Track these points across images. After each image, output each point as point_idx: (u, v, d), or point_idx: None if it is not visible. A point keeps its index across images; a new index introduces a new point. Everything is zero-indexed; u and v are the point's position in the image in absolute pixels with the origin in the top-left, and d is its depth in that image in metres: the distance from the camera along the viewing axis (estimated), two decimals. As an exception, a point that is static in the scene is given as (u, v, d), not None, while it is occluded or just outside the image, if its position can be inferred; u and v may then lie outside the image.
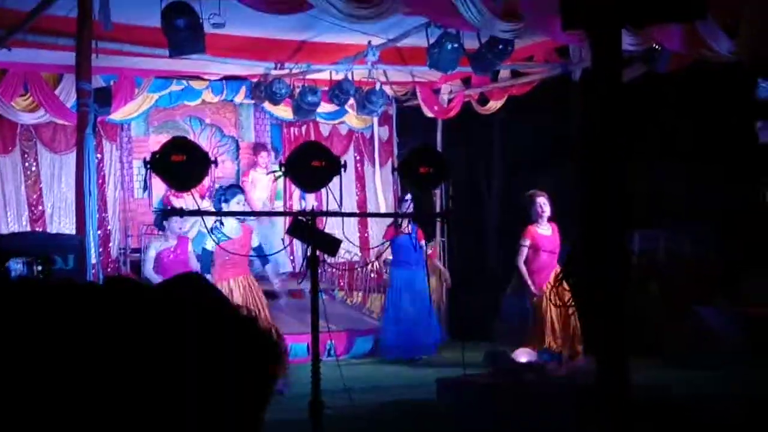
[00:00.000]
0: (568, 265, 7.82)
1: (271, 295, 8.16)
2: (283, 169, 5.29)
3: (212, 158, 5.17)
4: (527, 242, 8.42)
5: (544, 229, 8.53)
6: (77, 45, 6.54)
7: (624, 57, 6.85)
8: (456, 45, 7.86)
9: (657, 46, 8.33)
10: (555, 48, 9.83)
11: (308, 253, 5.29)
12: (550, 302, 8.20)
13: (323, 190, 5.54)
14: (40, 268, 4.93)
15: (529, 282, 8.34)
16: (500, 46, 7.97)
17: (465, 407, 6.27)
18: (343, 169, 5.31)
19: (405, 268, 9.50)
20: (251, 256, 7.75)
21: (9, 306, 1.32)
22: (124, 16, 7.21)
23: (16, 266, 4.95)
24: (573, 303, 8.38)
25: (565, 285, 8.33)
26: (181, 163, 5.01)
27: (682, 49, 8.07)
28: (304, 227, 5.22)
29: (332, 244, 5.28)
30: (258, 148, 11.64)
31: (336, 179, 5.30)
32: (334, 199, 5.23)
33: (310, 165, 5.24)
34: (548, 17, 7.36)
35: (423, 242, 9.47)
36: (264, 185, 11.15)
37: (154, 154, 5.11)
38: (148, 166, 5.08)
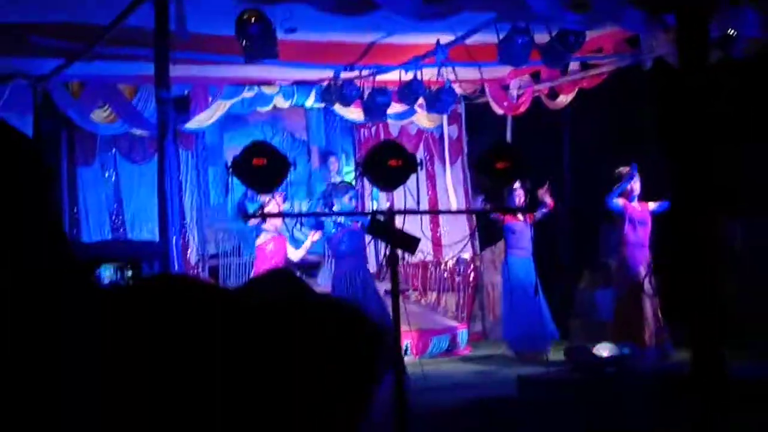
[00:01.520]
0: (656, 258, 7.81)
1: None
2: (360, 168, 5.34)
3: (291, 161, 5.25)
4: (620, 202, 8.75)
5: (635, 204, 8.83)
6: (155, 55, 6.69)
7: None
8: (527, 39, 7.82)
9: (733, 32, 8.17)
10: (624, 38, 9.70)
11: (387, 252, 5.34)
12: (644, 294, 8.25)
13: (395, 190, 5.60)
14: (130, 273, 5.07)
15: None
16: (571, 38, 7.90)
17: (547, 404, 6.23)
18: (419, 167, 5.34)
19: (521, 256, 9.43)
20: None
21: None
22: (197, 26, 7.36)
23: (107, 272, 5.10)
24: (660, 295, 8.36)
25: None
26: (261, 167, 5.10)
27: (759, 34, 7.91)
28: (383, 226, 5.26)
29: (412, 242, 5.31)
30: (327, 155, 11.76)
31: (412, 177, 5.34)
32: (412, 197, 5.26)
33: (386, 164, 5.28)
34: (618, 6, 7.31)
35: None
36: None
37: (235, 158, 5.21)
38: (230, 169, 5.18)
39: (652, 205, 8.89)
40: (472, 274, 11.17)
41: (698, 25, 2.91)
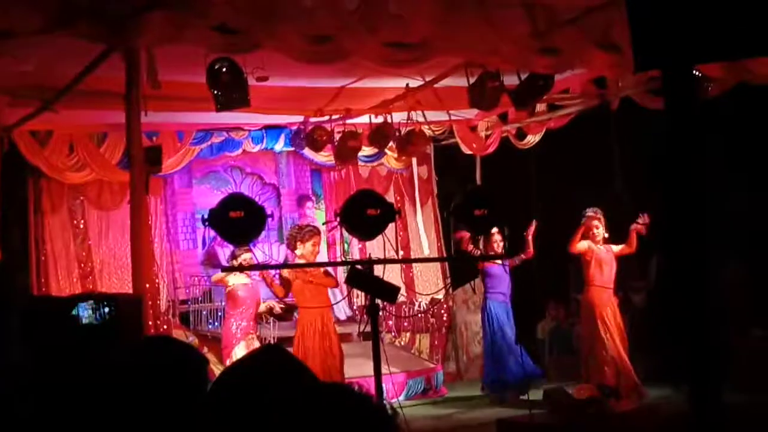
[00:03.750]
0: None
1: None
2: (337, 219, 5.33)
3: (269, 212, 5.22)
4: (585, 245, 8.80)
5: (600, 248, 8.87)
6: (126, 106, 6.65)
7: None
8: (497, 83, 7.89)
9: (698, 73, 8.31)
10: (591, 79, 9.83)
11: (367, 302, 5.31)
12: (609, 333, 8.27)
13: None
14: (106, 310, 5.01)
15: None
16: (540, 82, 7.99)
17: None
18: (397, 216, 5.34)
19: (500, 300, 9.43)
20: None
21: None
22: (168, 73, 7.33)
23: (85, 312, 5.03)
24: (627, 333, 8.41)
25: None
26: (239, 219, 5.06)
27: (723, 76, 8.07)
28: (363, 276, 5.24)
29: (391, 292, 5.29)
30: (302, 199, 11.73)
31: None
32: (392, 246, 5.25)
33: (365, 213, 5.27)
34: (585, 49, 7.42)
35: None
36: None
37: (211, 210, 5.17)
38: (206, 222, 5.14)
39: (616, 248, 8.95)
40: (446, 315, 11.16)
41: (685, 77, 2.96)
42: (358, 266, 5.42)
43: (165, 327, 10.19)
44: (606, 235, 8.95)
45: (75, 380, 2.97)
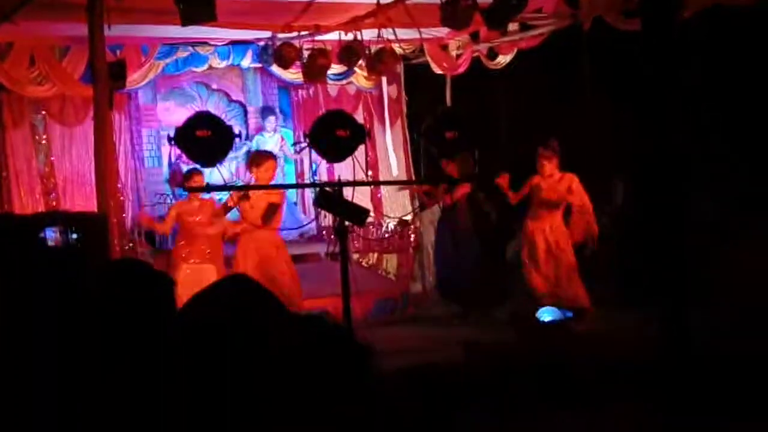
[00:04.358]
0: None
1: None
2: (307, 140, 5.24)
3: (236, 132, 5.12)
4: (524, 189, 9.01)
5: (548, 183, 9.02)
6: (89, 18, 6.44)
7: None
8: (470, 1, 7.73)
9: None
10: (564, -1, 9.68)
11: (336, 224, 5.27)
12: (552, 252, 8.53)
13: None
14: (75, 236, 4.94)
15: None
16: (514, 1, 7.85)
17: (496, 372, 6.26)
18: (367, 137, 5.26)
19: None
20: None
21: None
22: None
23: (52, 234, 4.96)
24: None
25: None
26: (206, 138, 4.96)
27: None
28: (332, 198, 5.18)
29: (360, 214, 5.25)
30: (266, 111, 11.56)
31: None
32: (361, 168, 5.19)
33: (334, 135, 5.19)
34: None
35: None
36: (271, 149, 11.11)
37: (177, 129, 5.06)
38: (173, 141, 5.03)
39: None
40: (413, 235, 11.17)
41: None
42: (327, 188, 5.36)
43: (130, 245, 10.10)
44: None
45: (45, 304, 2.92)
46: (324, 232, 11.24)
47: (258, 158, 7.96)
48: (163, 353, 2.17)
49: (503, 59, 10.96)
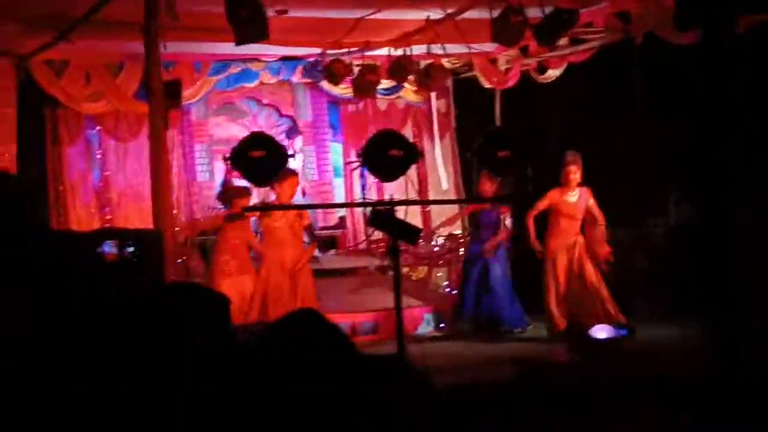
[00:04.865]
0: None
1: None
2: (360, 159, 5.28)
3: (290, 152, 5.18)
4: (544, 203, 8.68)
5: (570, 195, 8.73)
6: (145, 39, 6.56)
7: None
8: (520, 18, 7.73)
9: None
10: (614, 13, 9.62)
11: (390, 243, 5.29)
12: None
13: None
14: (131, 249, 5.03)
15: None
16: (565, 16, 7.83)
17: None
18: (421, 157, 5.28)
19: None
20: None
21: None
22: (186, 3, 7.19)
23: (110, 249, 5.06)
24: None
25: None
26: (260, 159, 5.02)
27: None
28: (385, 217, 5.21)
29: (413, 234, 5.26)
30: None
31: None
32: (413, 187, 5.20)
33: (387, 155, 5.22)
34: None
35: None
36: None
37: (233, 149, 5.13)
38: (228, 161, 5.10)
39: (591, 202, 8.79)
40: (462, 249, 11.14)
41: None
42: (380, 208, 5.39)
43: (183, 258, 10.23)
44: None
45: (104, 318, 2.99)
46: (372, 246, 11.26)
47: (281, 175, 8.05)
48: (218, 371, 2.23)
49: (553, 73, 10.91)
